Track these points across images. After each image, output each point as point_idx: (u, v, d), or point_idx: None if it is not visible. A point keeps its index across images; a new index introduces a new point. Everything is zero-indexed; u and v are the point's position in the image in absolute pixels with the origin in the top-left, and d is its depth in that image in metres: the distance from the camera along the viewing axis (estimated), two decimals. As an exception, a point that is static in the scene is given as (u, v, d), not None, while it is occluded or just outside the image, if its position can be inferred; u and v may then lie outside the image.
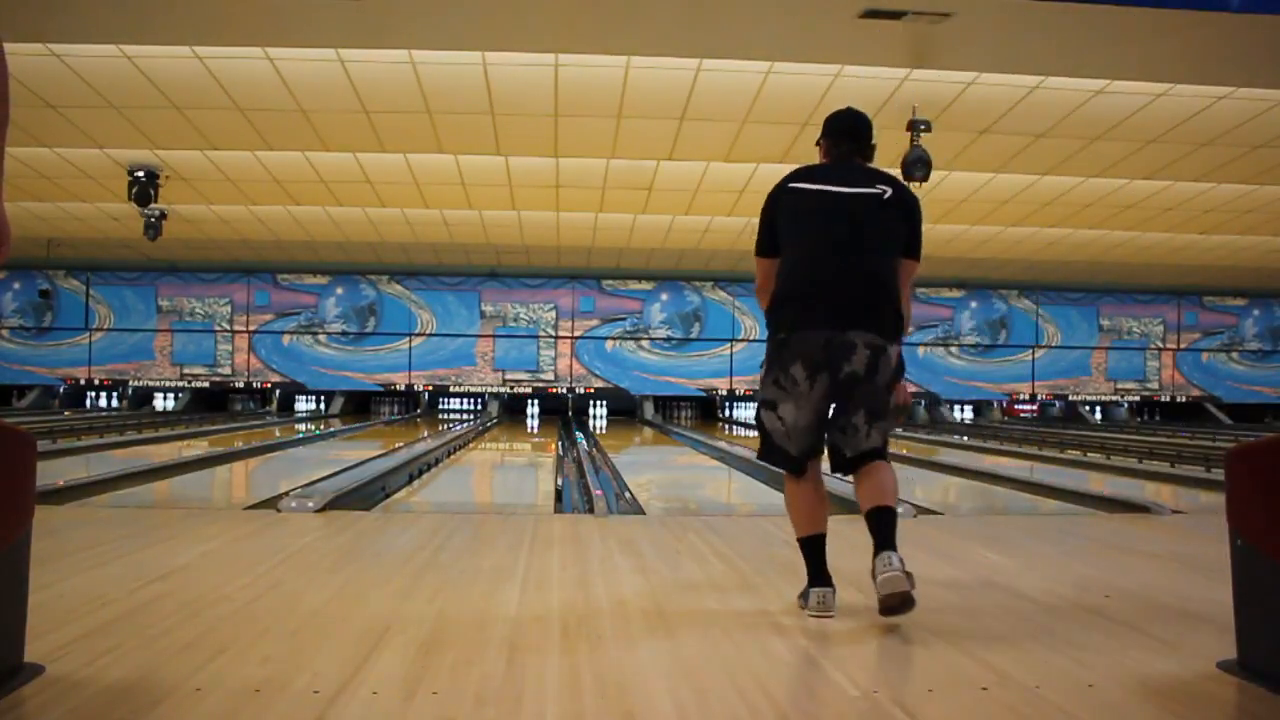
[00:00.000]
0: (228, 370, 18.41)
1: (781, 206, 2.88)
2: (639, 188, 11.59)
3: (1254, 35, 6.61)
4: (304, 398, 19.40)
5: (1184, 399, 19.84)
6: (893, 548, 2.59)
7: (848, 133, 2.98)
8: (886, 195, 2.82)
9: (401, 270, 18.32)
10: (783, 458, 2.86)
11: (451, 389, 18.76)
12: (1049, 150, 9.84)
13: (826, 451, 2.88)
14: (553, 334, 18.73)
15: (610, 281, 18.72)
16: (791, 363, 2.77)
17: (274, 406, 18.90)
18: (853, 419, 2.78)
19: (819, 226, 2.81)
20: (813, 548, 2.79)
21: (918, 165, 8.66)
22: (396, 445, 10.75)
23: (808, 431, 2.82)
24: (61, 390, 18.39)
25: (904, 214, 2.86)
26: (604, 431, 15.87)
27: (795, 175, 2.94)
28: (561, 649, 2.41)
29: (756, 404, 2.98)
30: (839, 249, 2.78)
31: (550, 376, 18.75)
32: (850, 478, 2.86)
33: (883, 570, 2.55)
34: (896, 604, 2.54)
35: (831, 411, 2.83)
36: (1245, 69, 7.52)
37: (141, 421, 14.35)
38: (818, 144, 3.06)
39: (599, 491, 6.55)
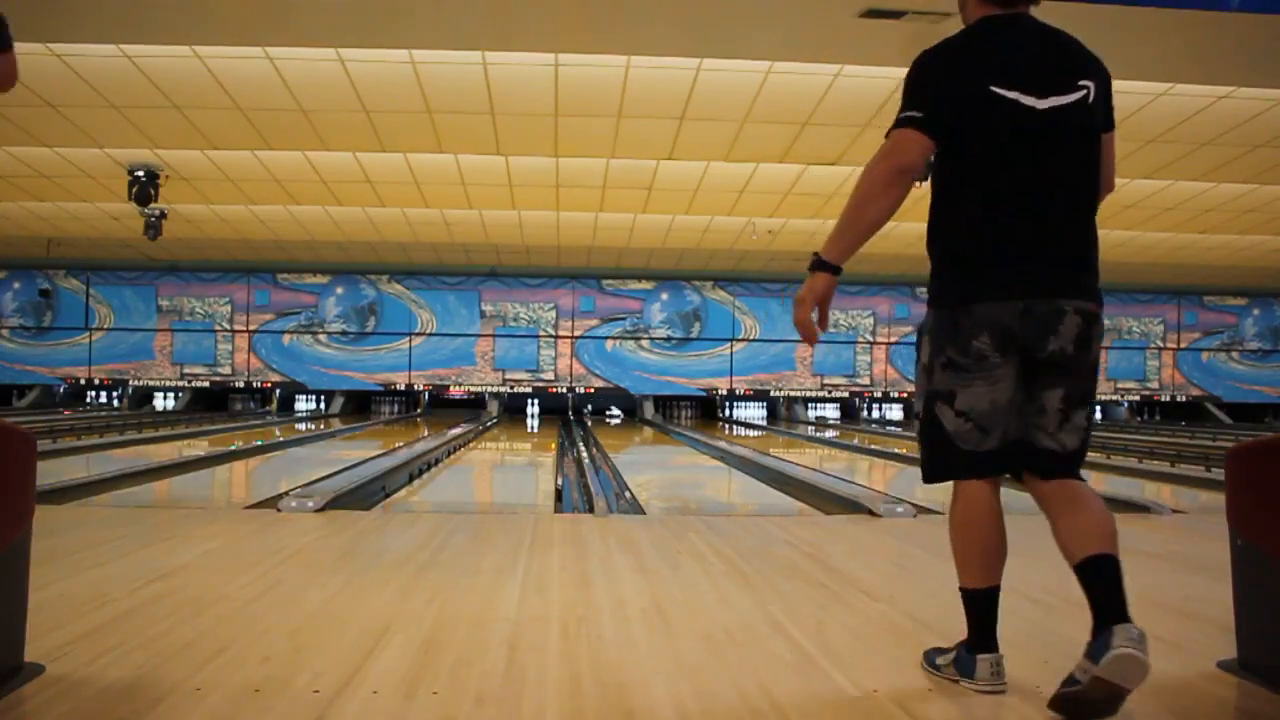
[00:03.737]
0: (228, 370, 18.41)
1: (972, 112, 2.08)
2: (639, 187, 11.58)
3: (1254, 35, 6.61)
4: (304, 397, 19.39)
5: (1184, 399, 19.82)
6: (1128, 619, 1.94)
7: None
8: (1091, 98, 2.17)
9: (401, 270, 18.31)
10: (966, 460, 2.12)
11: (451, 388, 18.76)
12: (1049, 150, 9.82)
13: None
14: (553, 334, 18.73)
15: (610, 281, 18.71)
16: (977, 335, 2.09)
17: (274, 406, 18.89)
18: (1051, 406, 2.10)
19: (1024, 166, 2.08)
20: (987, 603, 2.16)
21: (918, 165, 8.64)
22: (396, 445, 10.75)
23: (1001, 417, 2.09)
24: (61, 390, 18.39)
25: (1104, 100, 2.25)
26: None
27: (973, 59, 2.11)
28: (561, 649, 2.41)
29: (922, 401, 2.22)
30: (1048, 199, 2.09)
31: (550, 376, 18.75)
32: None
33: (1119, 646, 1.87)
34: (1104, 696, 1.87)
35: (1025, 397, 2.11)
36: (1246, 68, 7.52)
37: (141, 421, 14.34)
38: None
39: (599, 493, 6.55)
